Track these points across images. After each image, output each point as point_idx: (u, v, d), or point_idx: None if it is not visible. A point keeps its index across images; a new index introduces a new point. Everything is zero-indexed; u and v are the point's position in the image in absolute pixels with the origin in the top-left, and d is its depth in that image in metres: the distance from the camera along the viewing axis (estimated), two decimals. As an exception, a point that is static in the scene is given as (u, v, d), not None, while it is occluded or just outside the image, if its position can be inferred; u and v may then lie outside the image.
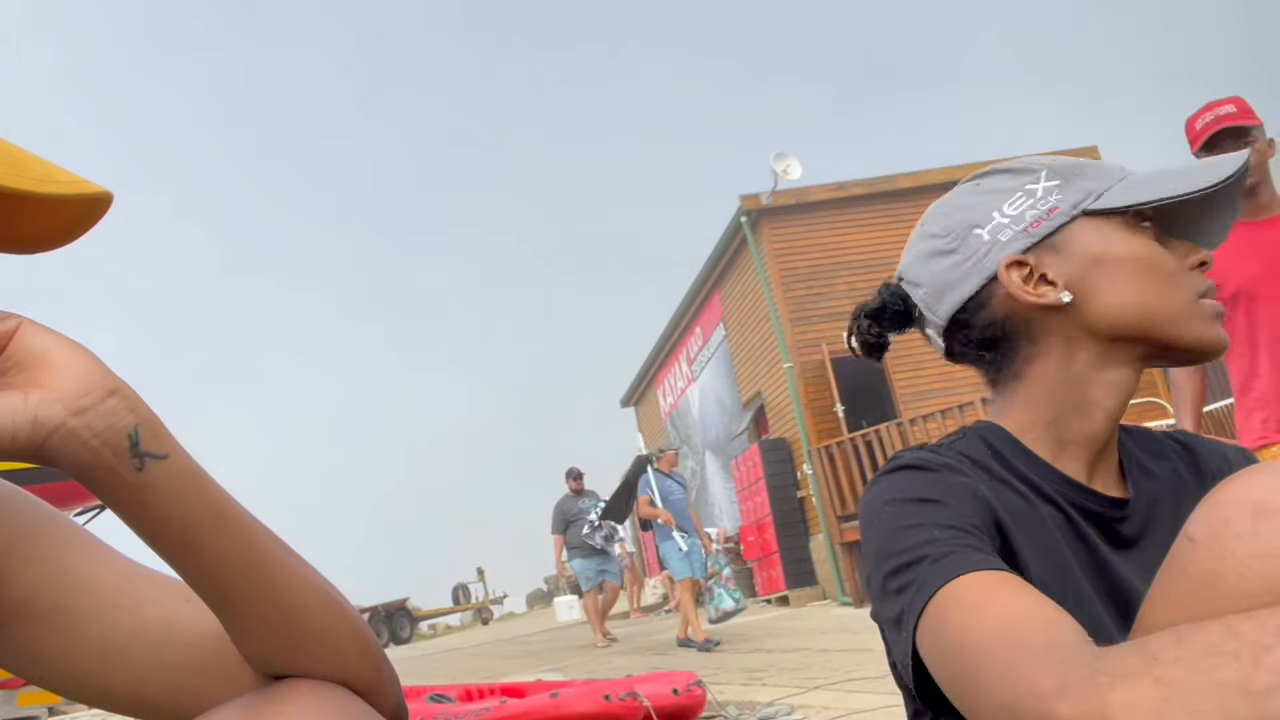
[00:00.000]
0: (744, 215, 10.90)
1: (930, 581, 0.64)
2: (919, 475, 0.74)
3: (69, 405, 0.46)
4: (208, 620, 0.58)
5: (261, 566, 0.53)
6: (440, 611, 24.44)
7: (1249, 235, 2.37)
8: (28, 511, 0.61)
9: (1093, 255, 0.78)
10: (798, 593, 10.20)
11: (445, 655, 11.48)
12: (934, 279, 0.84)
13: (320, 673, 0.56)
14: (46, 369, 0.47)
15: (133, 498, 0.48)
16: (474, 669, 8.26)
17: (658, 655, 6.73)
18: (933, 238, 0.85)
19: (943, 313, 0.84)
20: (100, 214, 0.52)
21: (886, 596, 0.68)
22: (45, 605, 0.58)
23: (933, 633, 0.62)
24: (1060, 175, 0.81)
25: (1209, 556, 0.54)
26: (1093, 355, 0.79)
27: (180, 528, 0.49)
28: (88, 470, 0.47)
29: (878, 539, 0.71)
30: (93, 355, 0.49)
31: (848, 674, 4.00)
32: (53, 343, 0.48)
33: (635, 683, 3.48)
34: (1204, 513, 0.55)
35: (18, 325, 0.48)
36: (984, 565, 0.63)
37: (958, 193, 0.87)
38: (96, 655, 0.58)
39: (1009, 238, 0.80)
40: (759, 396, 11.91)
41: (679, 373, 15.69)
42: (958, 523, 0.68)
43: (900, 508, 0.71)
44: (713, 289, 13.10)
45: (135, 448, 0.47)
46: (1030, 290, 0.78)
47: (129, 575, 0.61)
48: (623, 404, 19.77)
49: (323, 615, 0.56)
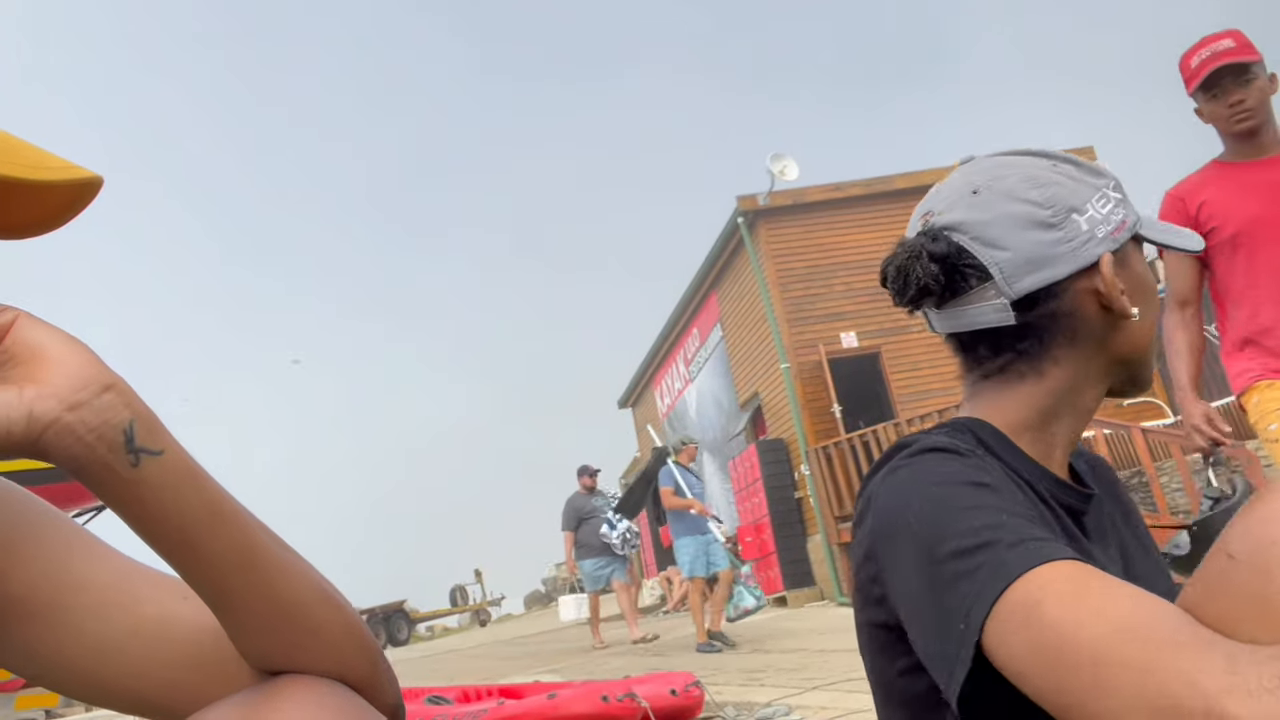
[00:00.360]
0: (741, 216, 10.90)
1: (1008, 567, 0.58)
2: (957, 460, 0.70)
3: (64, 400, 0.46)
4: (205, 617, 0.58)
5: (259, 563, 0.53)
6: (438, 613, 24.42)
7: (1249, 176, 2.26)
8: (25, 510, 0.61)
9: (1139, 278, 0.82)
10: (795, 593, 10.20)
11: (443, 657, 11.47)
12: (1028, 249, 0.77)
13: (317, 668, 0.56)
14: (42, 363, 0.47)
15: (128, 494, 0.48)
16: (472, 670, 8.26)
17: (655, 656, 6.73)
18: (1034, 205, 0.78)
19: (1023, 286, 0.78)
20: (90, 198, 0.52)
21: (946, 582, 0.62)
22: (42, 602, 0.58)
23: (1016, 625, 0.56)
24: (1120, 190, 0.82)
25: (1254, 574, 0.51)
26: (1101, 370, 0.82)
27: (177, 524, 0.49)
28: (83, 466, 0.47)
29: (929, 521, 0.65)
30: (88, 350, 0.48)
31: (846, 674, 4.00)
32: (49, 337, 0.48)
33: (633, 684, 3.48)
34: (1244, 528, 0.53)
35: (14, 318, 0.48)
36: (1066, 554, 0.59)
37: (1036, 165, 0.81)
38: (94, 653, 0.58)
39: (1103, 235, 0.79)
40: (756, 397, 11.91)
41: (676, 373, 15.69)
42: (1019, 511, 0.64)
43: (954, 490, 0.66)
44: (710, 290, 13.10)
45: (130, 443, 0.47)
46: (1119, 294, 0.78)
47: (126, 573, 0.61)
48: (620, 405, 19.76)
49: (320, 611, 0.56)
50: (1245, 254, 2.26)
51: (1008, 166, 0.82)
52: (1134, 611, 0.53)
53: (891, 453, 0.76)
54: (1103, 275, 0.78)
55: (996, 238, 0.78)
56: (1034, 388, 0.80)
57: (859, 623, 0.79)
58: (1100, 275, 0.78)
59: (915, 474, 0.70)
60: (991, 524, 0.62)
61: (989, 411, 0.81)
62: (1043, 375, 0.80)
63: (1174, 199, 2.37)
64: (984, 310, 0.79)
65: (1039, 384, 0.80)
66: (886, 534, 0.70)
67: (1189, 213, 2.32)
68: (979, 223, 0.78)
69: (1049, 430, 0.80)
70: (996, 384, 0.82)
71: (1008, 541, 0.60)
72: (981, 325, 0.80)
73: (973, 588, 0.60)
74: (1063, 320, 0.79)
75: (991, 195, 0.79)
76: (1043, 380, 0.80)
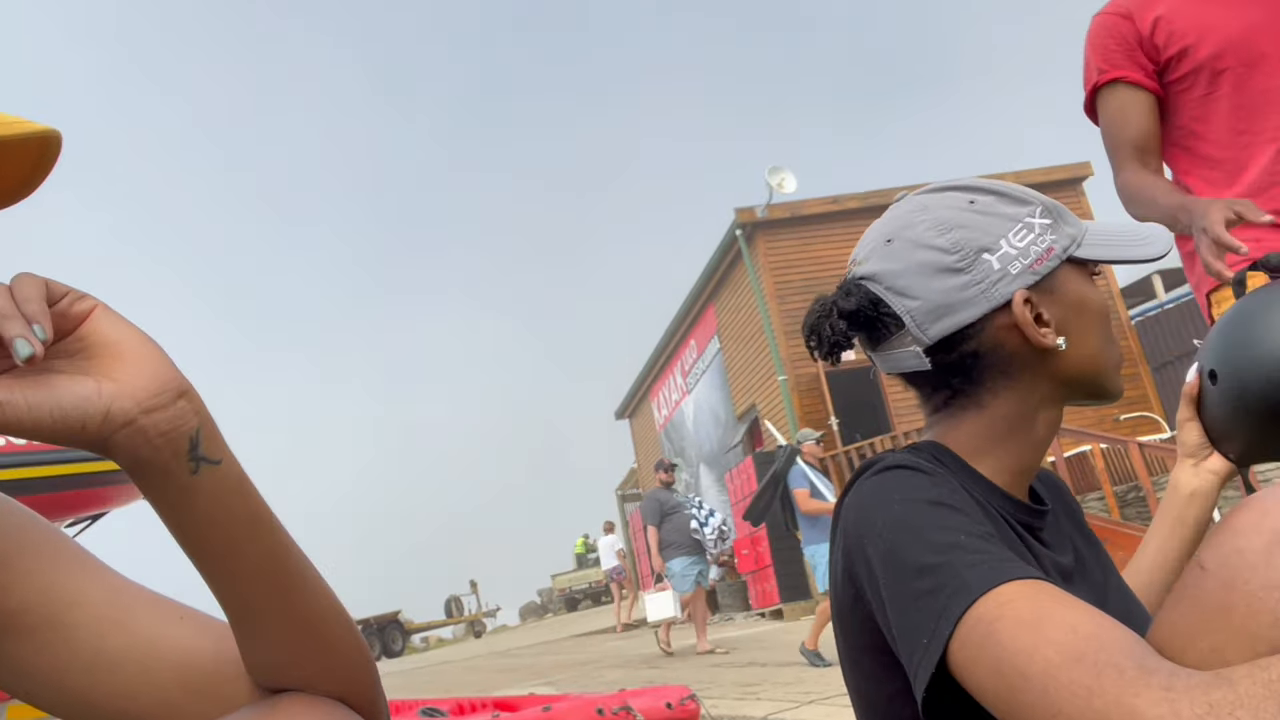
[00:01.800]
0: (739, 228, 10.92)
1: (971, 586, 0.60)
2: (920, 478, 0.72)
3: (141, 403, 0.46)
4: (199, 638, 0.58)
5: (288, 578, 0.53)
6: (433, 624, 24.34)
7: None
8: (19, 524, 0.60)
9: (1075, 302, 0.80)
10: (791, 606, 10.17)
11: (438, 668, 11.42)
12: (936, 296, 0.79)
13: (326, 686, 0.56)
14: (119, 360, 0.47)
15: (181, 499, 0.48)
16: (467, 682, 8.22)
17: (651, 669, 6.70)
18: (939, 252, 0.80)
19: (935, 332, 0.80)
20: (52, 158, 0.51)
21: (905, 597, 0.65)
22: (35, 620, 0.57)
23: (977, 647, 0.58)
24: (1051, 214, 0.81)
25: (1220, 586, 0.53)
26: (1047, 394, 0.81)
27: (221, 533, 0.50)
28: (144, 468, 0.47)
29: (893, 538, 0.67)
30: (163, 351, 0.49)
31: (842, 689, 3.98)
32: (127, 333, 0.48)
33: (628, 696, 3.46)
34: (1217, 540, 0.55)
35: (93, 307, 0.48)
36: (1027, 573, 0.61)
37: (950, 205, 0.82)
38: (85, 671, 0.58)
39: (1018, 271, 0.78)
40: (753, 409, 11.91)
41: (674, 385, 15.68)
42: (977, 531, 0.66)
43: (917, 508, 0.68)
44: (707, 301, 13.11)
45: (194, 450, 0.48)
46: (1035, 330, 0.78)
47: (119, 591, 0.61)
48: (617, 416, 19.74)
49: (337, 629, 0.56)
50: (1231, 83, 1.55)
51: (921, 211, 0.83)
52: (1085, 637, 0.55)
53: (859, 473, 0.78)
54: (1015, 314, 0.78)
55: (906, 287, 0.80)
56: (978, 418, 0.81)
57: (843, 649, 0.79)
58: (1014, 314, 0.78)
59: (879, 492, 0.72)
60: (952, 543, 0.64)
61: (945, 438, 0.82)
62: (984, 407, 0.81)
63: (1111, 20, 1.63)
64: (904, 356, 0.82)
65: (981, 415, 0.81)
66: (856, 551, 0.72)
67: (1138, 35, 1.60)
68: (891, 273, 0.81)
69: (1002, 454, 0.81)
70: (945, 415, 0.84)
71: (968, 561, 0.63)
72: (906, 370, 0.83)
73: (936, 604, 0.62)
74: (986, 358, 0.80)
75: (901, 244, 0.82)
76: (984, 411, 0.81)
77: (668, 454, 16.54)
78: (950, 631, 0.60)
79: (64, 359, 0.47)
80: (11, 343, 0.43)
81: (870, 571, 0.70)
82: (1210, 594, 0.53)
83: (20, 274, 0.47)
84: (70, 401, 0.45)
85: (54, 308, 0.47)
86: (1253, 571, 0.51)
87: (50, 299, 0.47)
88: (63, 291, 0.47)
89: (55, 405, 0.44)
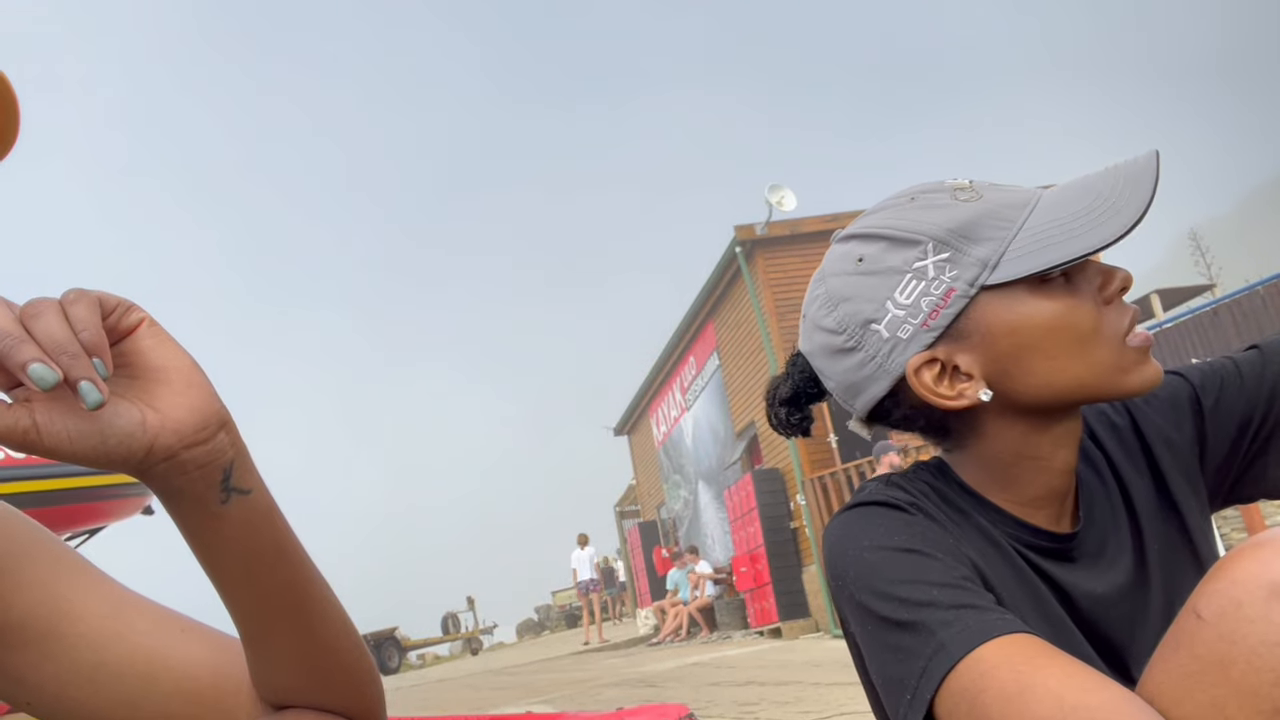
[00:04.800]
0: (739, 245, 10.95)
1: (948, 649, 0.60)
2: (894, 517, 0.71)
3: (184, 438, 0.45)
4: (202, 651, 0.58)
5: (308, 604, 0.53)
6: (429, 641, 24.17)
7: None
8: (22, 535, 0.60)
9: (1004, 333, 0.70)
10: (790, 624, 10.12)
11: (434, 686, 11.34)
12: (841, 377, 0.76)
13: (332, 705, 0.56)
14: (166, 386, 0.46)
15: (208, 526, 0.48)
16: (464, 700, 8.16)
17: (649, 687, 6.66)
18: (828, 333, 0.75)
19: (859, 408, 0.77)
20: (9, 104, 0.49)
21: (880, 650, 0.65)
22: (37, 631, 0.57)
23: (963, 716, 0.58)
24: (948, 244, 0.70)
25: (1219, 638, 0.52)
26: (1031, 424, 0.73)
27: (244, 560, 0.50)
28: (176, 496, 0.47)
29: (864, 582, 0.67)
30: (207, 380, 0.48)
31: (840, 708, 3.96)
32: (174, 358, 0.47)
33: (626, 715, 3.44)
34: (1213, 589, 0.53)
35: (141, 320, 0.47)
36: (1002, 628, 0.60)
37: (840, 270, 0.76)
38: (87, 683, 0.57)
39: (909, 334, 0.71)
40: (752, 426, 11.89)
41: (673, 402, 15.67)
42: (951, 579, 0.65)
43: (886, 557, 0.67)
44: (707, 318, 13.12)
45: (226, 482, 0.47)
46: (946, 392, 0.71)
47: (122, 603, 0.60)
48: (616, 432, 19.71)
49: (350, 654, 0.57)
50: None
51: (818, 284, 0.78)
52: (1071, 708, 0.54)
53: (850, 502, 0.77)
54: (910, 384, 0.72)
55: (821, 368, 0.78)
56: (978, 454, 0.76)
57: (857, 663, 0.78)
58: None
59: (850, 533, 0.71)
60: (925, 600, 0.63)
61: (957, 467, 0.79)
62: (973, 447, 0.76)
63: None
64: (854, 422, 0.81)
65: (980, 450, 0.76)
66: (834, 587, 0.72)
67: None
68: (809, 353, 0.79)
69: (1011, 484, 0.76)
70: (950, 450, 0.80)
71: (943, 619, 0.62)
72: (866, 435, 0.82)
73: (915, 665, 0.61)
74: (929, 415, 0.75)
75: (807, 325, 0.79)
76: (980, 448, 0.76)
77: (666, 470, 16.51)
78: (932, 695, 0.60)
79: None
80: (76, 385, 0.41)
81: (845, 618, 0.71)
82: (1208, 645, 0.52)
83: (73, 292, 0.45)
84: (115, 437, 0.44)
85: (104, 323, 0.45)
86: (1251, 626, 0.51)
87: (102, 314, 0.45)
88: (113, 304, 0.46)
89: (101, 440, 0.43)
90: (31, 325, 0.42)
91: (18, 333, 0.41)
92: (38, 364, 0.40)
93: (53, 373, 0.40)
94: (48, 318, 0.42)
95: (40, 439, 0.42)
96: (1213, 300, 11.79)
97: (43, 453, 0.43)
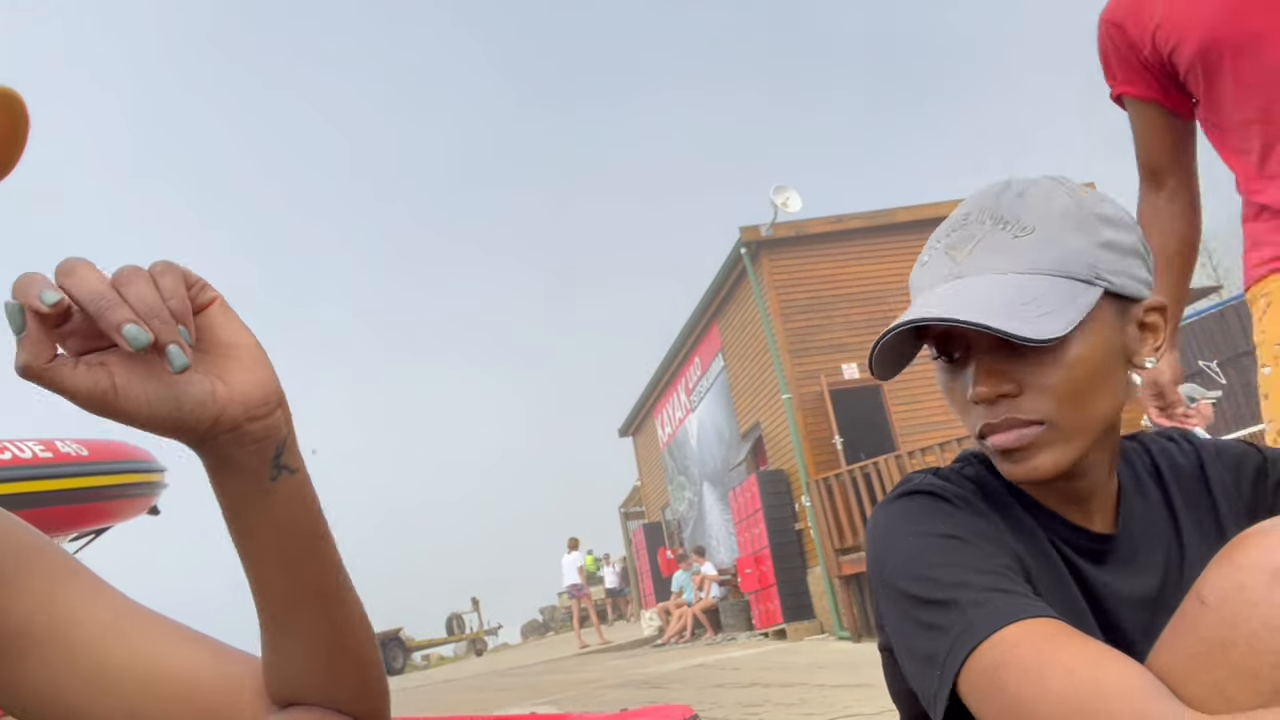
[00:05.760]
0: (744, 247, 10.94)
1: (976, 627, 0.62)
2: (938, 506, 0.73)
3: (249, 411, 0.47)
4: (202, 657, 0.58)
5: (335, 590, 0.54)
6: (434, 642, 24.19)
7: None
8: (20, 541, 0.60)
9: None
10: (795, 626, 10.11)
11: (439, 687, 11.36)
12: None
13: (341, 703, 0.57)
14: (235, 362, 0.48)
15: (254, 503, 0.49)
16: (468, 701, 8.17)
17: (653, 689, 6.66)
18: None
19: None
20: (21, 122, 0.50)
21: (913, 629, 0.67)
22: (36, 637, 0.57)
23: (984, 690, 0.60)
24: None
25: (1221, 622, 0.53)
26: None
27: (282, 540, 0.51)
28: (230, 467, 0.48)
29: (903, 566, 0.70)
30: (268, 359, 0.50)
31: (845, 709, 3.96)
32: (242, 336, 0.49)
33: (629, 717, 3.44)
34: (1217, 574, 0.55)
35: (215, 299, 0.49)
36: (1030, 611, 0.62)
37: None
38: (85, 689, 0.57)
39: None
40: (757, 427, 11.89)
41: (678, 403, 15.67)
42: (989, 565, 0.67)
43: (928, 541, 0.70)
44: (712, 320, 13.13)
45: (278, 458, 0.49)
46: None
47: (121, 610, 0.60)
48: (621, 433, 19.73)
49: (365, 646, 0.57)
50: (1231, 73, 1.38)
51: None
52: (1088, 685, 0.55)
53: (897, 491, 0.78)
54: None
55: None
56: None
57: (881, 645, 0.82)
58: None
59: (894, 521, 0.74)
60: (960, 580, 0.66)
61: None
62: None
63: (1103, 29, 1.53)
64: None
65: None
66: (873, 575, 0.75)
67: (1130, 41, 1.49)
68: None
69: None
70: None
71: (975, 599, 0.64)
72: None
73: (944, 643, 0.64)
74: None
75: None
76: None
77: (671, 472, 16.51)
78: (957, 670, 0.62)
79: None
80: (165, 348, 0.44)
81: (879, 594, 0.73)
82: (1210, 629, 0.53)
83: (160, 264, 0.47)
84: (189, 405, 0.45)
85: None
86: (1253, 609, 0.52)
87: None
88: (194, 280, 0.49)
89: (175, 406, 0.45)
90: (124, 289, 0.44)
91: (112, 296, 0.44)
92: (132, 325, 0.43)
93: (145, 334, 0.43)
94: (139, 284, 0.45)
95: (118, 400, 0.44)
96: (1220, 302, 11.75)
97: (116, 415, 0.44)
